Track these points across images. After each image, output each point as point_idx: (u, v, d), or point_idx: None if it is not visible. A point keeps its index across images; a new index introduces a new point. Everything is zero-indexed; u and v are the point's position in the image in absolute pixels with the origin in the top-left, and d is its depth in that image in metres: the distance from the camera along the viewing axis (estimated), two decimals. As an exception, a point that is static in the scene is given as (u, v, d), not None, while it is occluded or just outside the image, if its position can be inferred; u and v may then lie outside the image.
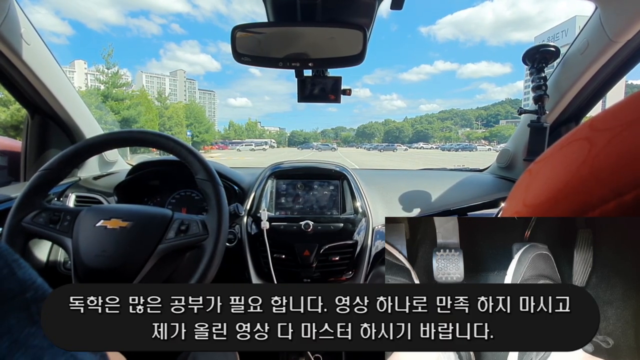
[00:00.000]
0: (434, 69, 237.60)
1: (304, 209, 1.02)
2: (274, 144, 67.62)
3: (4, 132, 9.70)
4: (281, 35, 0.72)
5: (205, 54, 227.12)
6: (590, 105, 1.06)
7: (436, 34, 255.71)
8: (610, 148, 0.17)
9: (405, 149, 56.19)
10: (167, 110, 36.61)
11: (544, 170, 0.22)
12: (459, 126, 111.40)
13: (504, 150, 1.29)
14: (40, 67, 0.95)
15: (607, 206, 0.17)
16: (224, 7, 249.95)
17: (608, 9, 0.81)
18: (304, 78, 0.83)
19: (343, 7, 0.69)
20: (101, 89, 23.82)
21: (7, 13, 0.80)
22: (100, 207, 0.69)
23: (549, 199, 0.21)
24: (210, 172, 0.68)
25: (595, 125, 0.20)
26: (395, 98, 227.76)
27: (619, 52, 0.86)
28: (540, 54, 0.94)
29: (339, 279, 0.96)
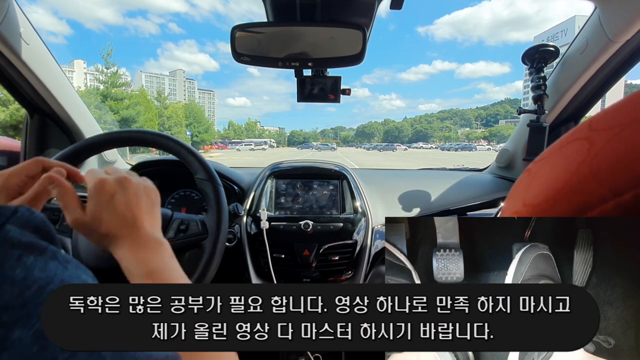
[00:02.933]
0: (433, 69, 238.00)
1: (304, 209, 1.02)
2: (274, 144, 67.65)
3: (3, 132, 9.70)
4: (281, 35, 0.72)
5: (204, 54, 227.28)
6: (589, 105, 1.06)
7: (434, 34, 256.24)
8: (610, 148, 0.17)
9: (405, 148, 56.25)
10: (167, 110, 36.58)
11: (543, 170, 0.22)
12: (458, 126, 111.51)
13: (503, 150, 1.29)
14: (40, 67, 0.94)
15: (606, 206, 0.17)
16: (222, 7, 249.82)
17: (607, 9, 0.81)
18: (304, 78, 0.83)
19: (342, 7, 0.69)
20: (100, 89, 23.81)
21: (7, 13, 0.80)
22: None
23: (548, 198, 0.21)
24: (209, 172, 0.68)
25: (594, 125, 0.20)
26: (394, 98, 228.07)
27: (618, 52, 0.86)
28: (539, 54, 0.94)
29: (338, 278, 0.96)
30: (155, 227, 0.40)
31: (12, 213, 0.21)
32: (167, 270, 0.37)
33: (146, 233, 0.39)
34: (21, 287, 0.19)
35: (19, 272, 0.19)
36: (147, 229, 0.39)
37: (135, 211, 0.39)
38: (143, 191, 0.41)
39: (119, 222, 0.38)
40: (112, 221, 0.38)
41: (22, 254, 0.21)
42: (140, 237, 0.38)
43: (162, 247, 0.39)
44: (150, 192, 0.43)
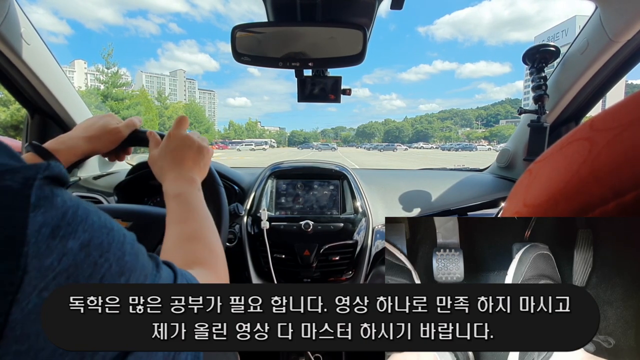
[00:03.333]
0: (433, 69, 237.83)
1: (304, 209, 1.02)
2: (274, 144, 67.64)
3: (4, 132, 9.71)
4: (281, 35, 0.72)
5: (204, 54, 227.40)
6: (590, 105, 1.06)
7: (434, 34, 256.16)
8: (611, 148, 0.17)
9: (406, 148, 56.23)
10: (167, 110, 36.60)
11: (544, 170, 0.22)
12: (458, 126, 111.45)
13: (503, 150, 1.29)
14: (40, 67, 0.95)
15: (607, 207, 0.17)
16: (222, 7, 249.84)
17: (608, 9, 0.81)
18: (304, 78, 0.83)
19: (343, 7, 0.69)
20: (101, 89, 23.84)
21: (7, 13, 0.80)
22: (100, 207, 0.69)
23: (549, 199, 0.21)
24: (209, 172, 0.68)
25: (595, 125, 0.20)
26: (395, 98, 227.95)
27: (619, 52, 0.86)
28: (540, 54, 0.94)
29: (339, 278, 0.96)
30: (194, 170, 0.54)
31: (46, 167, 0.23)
32: (191, 196, 0.50)
33: (185, 171, 0.53)
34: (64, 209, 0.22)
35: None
36: (187, 169, 0.53)
37: (184, 157, 0.54)
38: (197, 148, 0.56)
39: (171, 162, 0.54)
40: (167, 160, 0.54)
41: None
42: (180, 172, 0.53)
43: (193, 182, 0.52)
44: (201, 149, 0.57)
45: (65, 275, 0.21)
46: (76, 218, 0.22)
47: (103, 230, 0.24)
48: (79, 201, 0.24)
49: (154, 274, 0.28)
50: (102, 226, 0.24)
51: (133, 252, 0.26)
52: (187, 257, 0.40)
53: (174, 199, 0.49)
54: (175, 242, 0.43)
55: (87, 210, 0.24)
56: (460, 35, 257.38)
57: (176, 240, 0.43)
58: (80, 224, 0.22)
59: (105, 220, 0.25)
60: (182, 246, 0.42)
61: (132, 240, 0.27)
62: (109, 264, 0.23)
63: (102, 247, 0.23)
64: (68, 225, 0.22)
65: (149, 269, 0.27)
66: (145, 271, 0.27)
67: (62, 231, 0.21)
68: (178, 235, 0.44)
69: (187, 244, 0.43)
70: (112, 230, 0.25)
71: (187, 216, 0.47)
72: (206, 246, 0.44)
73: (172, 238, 0.44)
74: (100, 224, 0.24)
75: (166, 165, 0.54)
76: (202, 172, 0.57)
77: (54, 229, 0.21)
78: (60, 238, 0.21)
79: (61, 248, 0.21)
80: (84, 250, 0.22)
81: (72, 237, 0.22)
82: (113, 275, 0.23)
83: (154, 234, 0.63)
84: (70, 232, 0.22)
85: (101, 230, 0.24)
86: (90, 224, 0.23)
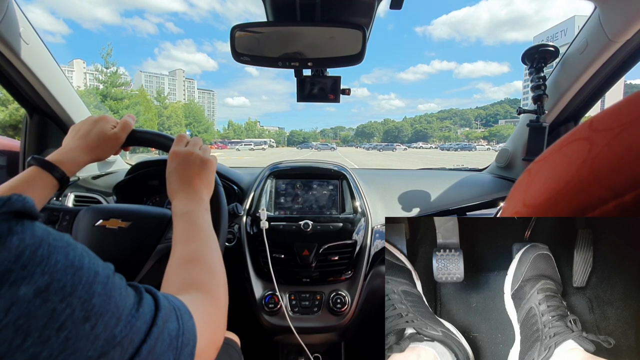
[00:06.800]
0: (431, 69, 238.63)
1: (303, 209, 1.02)
2: (273, 144, 67.61)
3: (3, 132, 9.69)
4: (280, 35, 0.72)
5: (202, 53, 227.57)
6: (589, 105, 1.07)
7: (432, 34, 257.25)
8: (610, 148, 0.17)
9: (405, 148, 56.27)
10: (166, 109, 36.57)
11: (544, 170, 0.22)
12: (458, 126, 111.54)
13: (503, 149, 1.29)
14: (39, 67, 0.94)
15: (607, 207, 0.17)
16: (220, 6, 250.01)
17: (607, 9, 0.81)
18: (303, 78, 0.83)
19: (342, 7, 0.69)
20: (100, 88, 23.79)
21: (6, 12, 0.80)
22: (99, 206, 0.69)
23: (548, 199, 0.21)
24: None
25: (594, 125, 0.20)
26: (394, 97, 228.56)
27: (618, 52, 0.86)
28: (539, 54, 0.94)
29: (338, 278, 0.96)
30: (201, 187, 0.55)
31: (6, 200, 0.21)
32: (197, 215, 0.51)
33: (193, 191, 0.54)
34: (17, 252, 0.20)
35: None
36: (194, 189, 0.54)
37: (190, 175, 0.55)
38: (200, 162, 0.56)
39: (178, 181, 0.54)
40: (174, 180, 0.55)
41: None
42: (188, 192, 0.53)
43: (200, 202, 0.53)
44: (205, 162, 0.57)
45: (12, 329, 0.18)
46: (34, 259, 0.20)
47: (68, 271, 0.21)
48: (44, 237, 0.21)
49: (132, 314, 0.24)
50: (67, 266, 0.21)
51: (105, 292, 0.23)
52: (186, 280, 0.40)
53: (181, 217, 0.50)
54: (177, 262, 0.43)
55: (51, 248, 0.21)
56: (457, 35, 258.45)
57: (178, 260, 0.44)
58: (39, 266, 0.20)
59: (74, 257, 0.22)
60: (183, 267, 0.42)
61: (106, 277, 0.24)
62: (71, 310, 0.20)
63: (65, 290, 0.20)
64: (22, 269, 0.19)
65: (125, 309, 0.24)
66: (119, 313, 0.23)
67: (14, 276, 0.19)
68: (180, 256, 0.44)
69: (188, 265, 0.43)
70: (79, 270, 0.22)
71: (191, 236, 0.47)
72: (207, 269, 0.43)
73: (175, 258, 0.44)
74: (67, 263, 0.21)
75: (174, 184, 0.55)
76: (209, 188, 0.58)
77: (2, 275, 0.18)
78: (10, 284, 0.19)
79: (9, 296, 0.18)
80: (40, 296, 0.19)
81: (25, 282, 0.19)
82: (75, 322, 0.20)
83: (153, 233, 0.63)
84: (24, 276, 0.19)
85: (65, 271, 0.21)
86: (52, 265, 0.20)
